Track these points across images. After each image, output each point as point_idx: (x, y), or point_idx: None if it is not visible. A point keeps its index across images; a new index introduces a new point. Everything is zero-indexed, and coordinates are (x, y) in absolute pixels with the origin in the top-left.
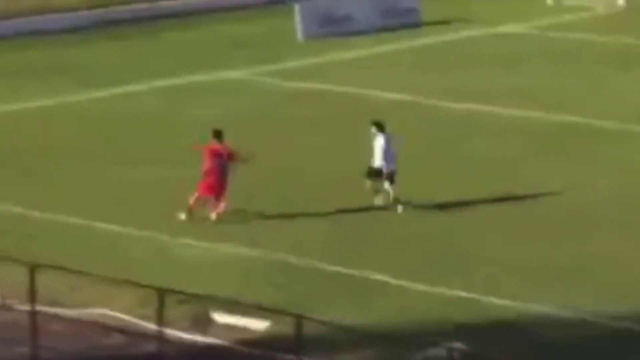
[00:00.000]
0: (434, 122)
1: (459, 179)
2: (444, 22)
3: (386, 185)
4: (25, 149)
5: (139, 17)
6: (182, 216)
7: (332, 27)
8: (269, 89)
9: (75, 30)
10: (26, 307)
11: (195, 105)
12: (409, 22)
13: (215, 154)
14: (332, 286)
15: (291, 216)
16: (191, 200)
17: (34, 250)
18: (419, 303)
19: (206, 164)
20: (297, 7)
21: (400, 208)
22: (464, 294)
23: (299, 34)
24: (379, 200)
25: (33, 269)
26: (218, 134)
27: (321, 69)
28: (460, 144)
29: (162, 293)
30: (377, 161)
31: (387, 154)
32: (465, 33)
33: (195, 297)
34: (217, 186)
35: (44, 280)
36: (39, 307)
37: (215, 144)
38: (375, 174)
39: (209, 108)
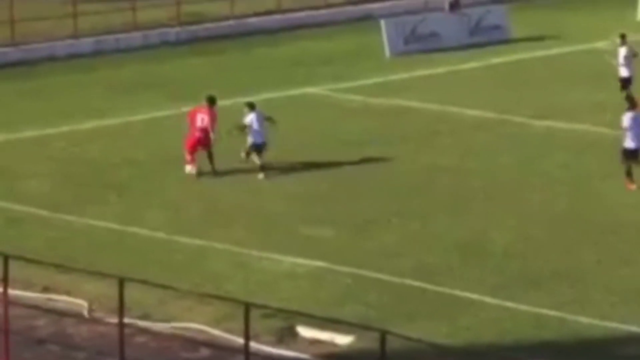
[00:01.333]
0: (516, 139)
1: (539, 195)
2: (533, 39)
3: (255, 156)
4: (115, 163)
5: (228, 34)
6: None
7: (419, 44)
8: (352, 105)
9: (164, 46)
10: (114, 320)
11: (281, 120)
12: (496, 39)
13: (197, 114)
14: (417, 302)
15: (375, 232)
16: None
17: (122, 263)
18: (504, 320)
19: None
20: (383, 24)
21: (261, 175)
22: (551, 312)
23: (386, 51)
24: (261, 176)
25: (122, 282)
26: (211, 100)
27: (405, 86)
28: (540, 161)
29: (247, 307)
30: (255, 137)
31: (259, 129)
32: (553, 50)
33: (281, 311)
34: (194, 142)
35: (131, 293)
36: (127, 320)
37: (203, 108)
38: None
39: (293, 123)
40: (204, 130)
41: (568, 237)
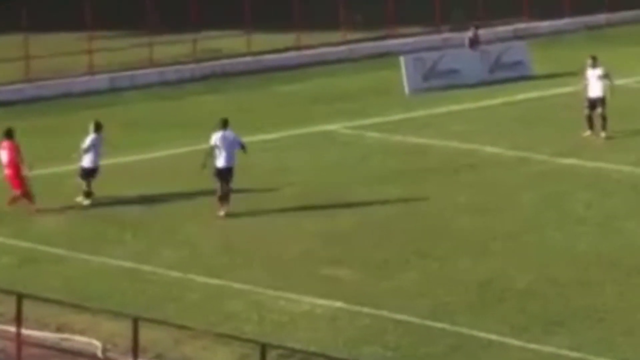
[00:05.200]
0: (537, 177)
1: (561, 234)
2: (555, 76)
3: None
4: (130, 201)
5: (245, 70)
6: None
7: (439, 81)
8: (371, 142)
9: (180, 82)
10: None
11: (300, 158)
12: (518, 75)
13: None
14: (437, 343)
15: (394, 272)
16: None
17: (138, 302)
18: None
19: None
20: (402, 61)
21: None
22: (573, 353)
23: (405, 88)
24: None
25: (136, 322)
26: (8, 133)
27: (425, 123)
28: (563, 199)
29: (264, 347)
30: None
31: (97, 153)
32: (575, 86)
33: (297, 352)
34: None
35: (146, 333)
36: None
37: (4, 143)
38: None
39: (311, 161)
40: (12, 167)
41: (591, 277)
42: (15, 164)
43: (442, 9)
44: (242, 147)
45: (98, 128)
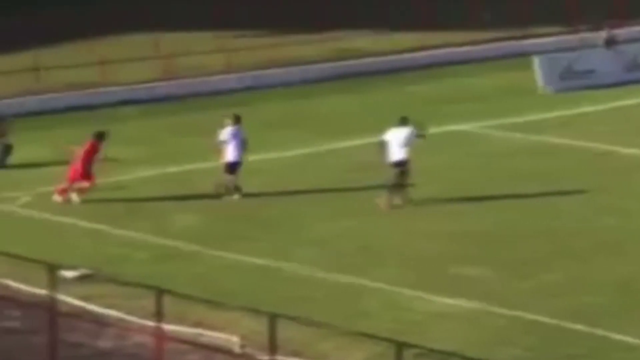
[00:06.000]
0: None
1: None
2: None
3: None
4: (262, 198)
5: (378, 70)
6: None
7: (574, 81)
8: (507, 142)
9: (311, 82)
10: (265, 357)
11: (431, 157)
12: None
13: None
14: (575, 345)
15: (532, 272)
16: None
17: (272, 299)
18: None
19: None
20: (536, 61)
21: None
22: None
23: (540, 88)
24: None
25: (273, 319)
26: (100, 135)
27: (561, 123)
28: None
29: (400, 347)
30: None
31: (238, 146)
32: None
33: (434, 352)
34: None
35: (281, 330)
36: (279, 357)
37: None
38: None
39: (447, 161)
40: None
41: None
42: (82, 160)
43: (577, 9)
44: (419, 135)
45: (237, 121)
